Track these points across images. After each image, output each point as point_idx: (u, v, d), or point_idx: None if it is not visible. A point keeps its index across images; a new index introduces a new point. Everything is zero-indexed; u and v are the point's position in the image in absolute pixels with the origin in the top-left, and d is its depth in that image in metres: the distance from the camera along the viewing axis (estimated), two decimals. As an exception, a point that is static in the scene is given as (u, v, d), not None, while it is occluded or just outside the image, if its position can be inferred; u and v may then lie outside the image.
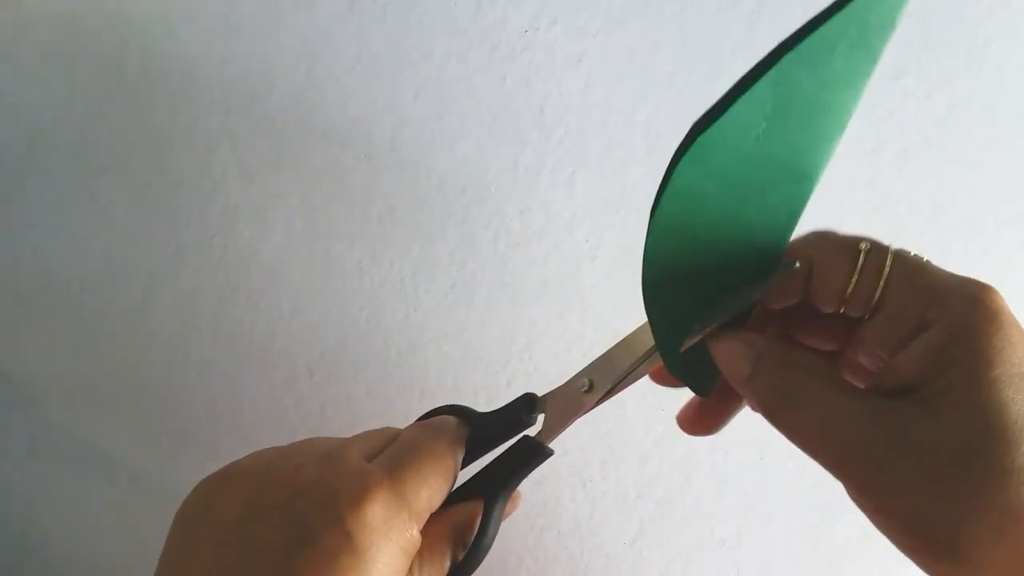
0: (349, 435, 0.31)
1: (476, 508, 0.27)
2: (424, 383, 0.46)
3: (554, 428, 0.29)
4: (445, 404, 0.33)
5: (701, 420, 0.29)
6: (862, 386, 0.24)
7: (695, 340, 0.25)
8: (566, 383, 0.29)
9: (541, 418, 0.30)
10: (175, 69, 0.44)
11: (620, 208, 0.43)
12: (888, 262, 0.23)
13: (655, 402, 0.45)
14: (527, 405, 0.30)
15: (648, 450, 0.45)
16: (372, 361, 0.46)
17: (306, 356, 0.47)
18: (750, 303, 0.25)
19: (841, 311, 0.24)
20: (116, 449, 0.50)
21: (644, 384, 0.44)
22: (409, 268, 0.45)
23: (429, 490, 0.26)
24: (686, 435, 0.43)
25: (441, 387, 0.46)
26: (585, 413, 0.29)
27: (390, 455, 0.26)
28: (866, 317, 0.24)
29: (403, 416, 0.47)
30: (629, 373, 0.28)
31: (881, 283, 0.23)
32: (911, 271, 0.23)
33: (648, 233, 0.23)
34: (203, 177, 0.45)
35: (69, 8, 0.43)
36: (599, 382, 0.29)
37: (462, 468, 0.29)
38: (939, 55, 0.40)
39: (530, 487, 0.47)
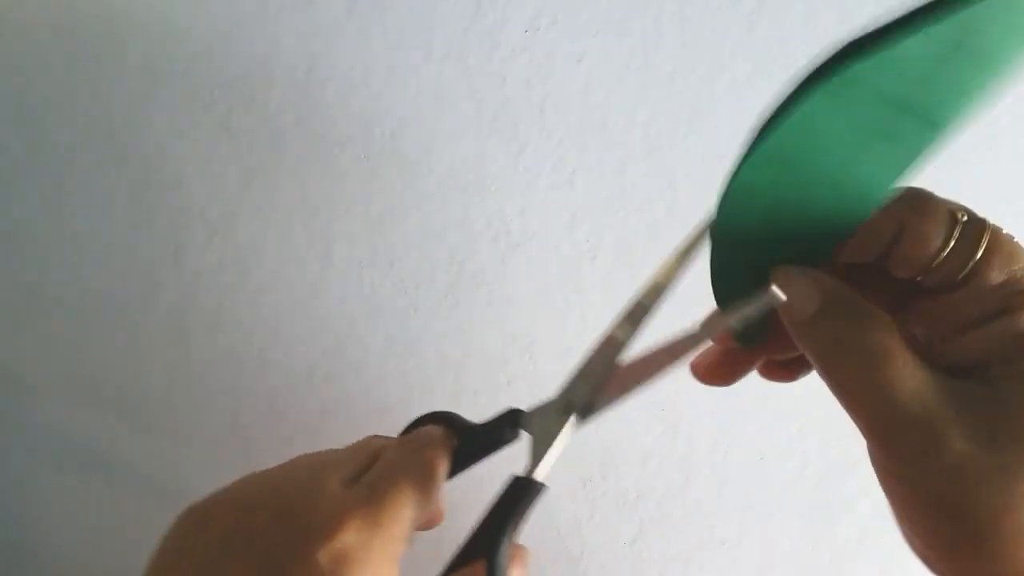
0: (349, 437, 0.31)
1: (478, 570, 0.25)
2: (424, 383, 0.46)
3: (539, 457, 0.27)
4: (430, 412, 0.31)
5: (719, 369, 0.28)
6: None
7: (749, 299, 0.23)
8: (547, 404, 0.28)
9: (528, 443, 0.28)
10: (175, 69, 0.44)
11: (620, 208, 0.43)
12: (985, 238, 0.22)
13: (655, 402, 0.45)
14: (510, 420, 0.29)
15: (648, 450, 0.45)
16: (372, 361, 0.46)
17: (306, 356, 0.47)
18: (824, 254, 0.23)
19: (917, 279, 0.23)
20: (115, 449, 0.50)
21: (644, 384, 0.44)
22: (409, 268, 0.45)
23: (408, 514, 0.25)
24: (686, 434, 0.43)
25: (441, 387, 0.46)
26: (567, 439, 0.27)
27: (368, 479, 0.26)
28: (941, 290, 0.22)
29: (403, 416, 0.46)
30: (598, 391, 0.27)
31: (975, 259, 0.22)
32: (1007, 252, 0.22)
33: (750, 157, 0.21)
34: (203, 177, 0.45)
35: (69, 8, 0.43)
36: (575, 403, 0.27)
37: (452, 477, 0.28)
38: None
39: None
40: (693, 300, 0.26)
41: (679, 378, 0.45)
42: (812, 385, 0.44)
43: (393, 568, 0.24)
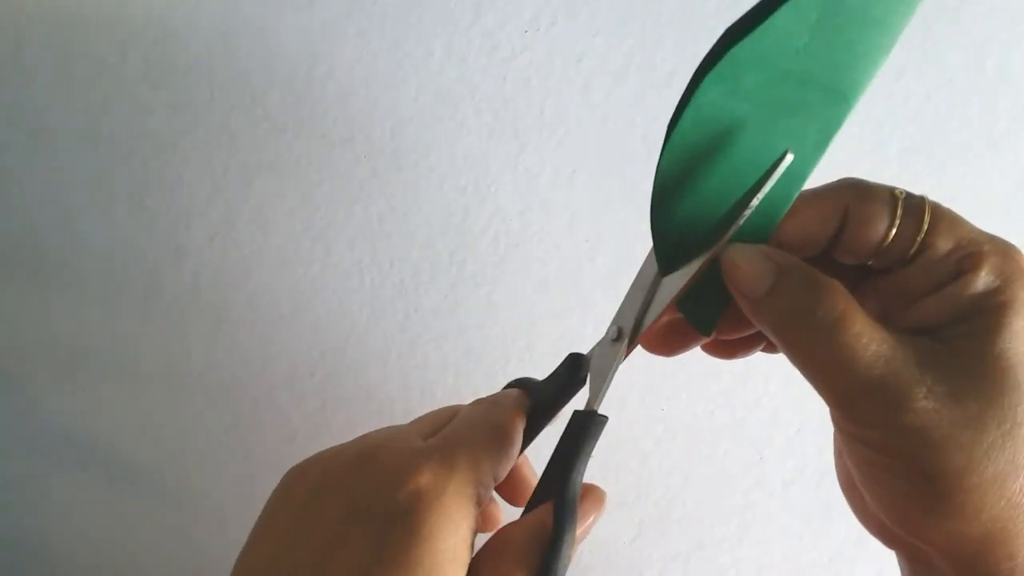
0: (350, 435, 0.31)
1: (544, 512, 0.25)
2: (424, 383, 0.46)
3: (597, 390, 0.27)
4: (512, 379, 0.32)
5: (666, 339, 0.28)
6: None
7: (704, 261, 0.23)
8: (602, 338, 0.28)
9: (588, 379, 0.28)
10: (175, 69, 0.44)
11: (620, 208, 0.43)
12: (927, 212, 0.22)
13: (655, 402, 0.45)
14: (574, 363, 0.29)
15: (648, 450, 0.45)
16: (372, 361, 0.46)
17: (306, 356, 0.47)
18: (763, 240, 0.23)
19: (868, 263, 0.23)
20: (116, 448, 0.50)
21: (644, 382, 0.45)
22: (409, 268, 0.45)
23: (483, 460, 0.25)
24: (686, 434, 0.43)
25: (441, 387, 0.46)
26: (620, 363, 0.27)
27: (444, 431, 0.27)
28: (890, 268, 0.23)
29: (403, 416, 0.46)
30: (646, 309, 0.26)
31: (921, 235, 0.22)
32: (949, 221, 0.22)
33: (662, 151, 0.21)
34: (203, 177, 0.45)
35: (69, 8, 0.43)
36: (625, 326, 0.27)
37: (532, 439, 0.29)
38: (939, 55, 0.40)
39: (530, 487, 0.47)
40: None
41: (679, 378, 0.45)
42: (811, 386, 0.44)
43: (468, 509, 0.24)
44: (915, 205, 0.22)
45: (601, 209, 0.43)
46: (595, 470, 0.46)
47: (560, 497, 0.25)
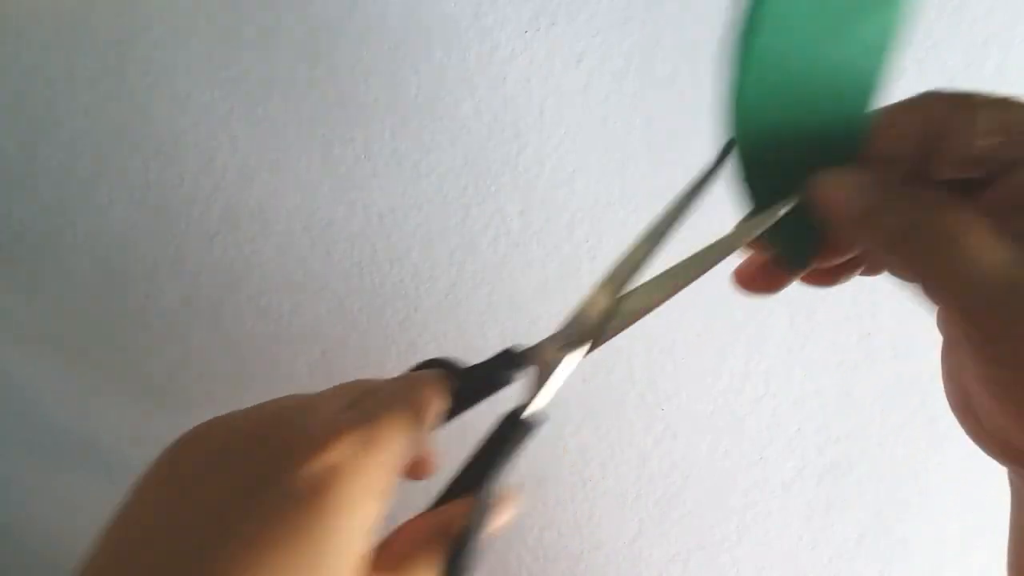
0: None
1: (461, 507, 0.24)
2: (424, 383, 0.46)
3: (535, 393, 0.26)
4: (427, 359, 0.31)
5: (762, 278, 0.26)
6: None
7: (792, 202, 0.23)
8: (553, 336, 0.27)
9: (530, 377, 0.27)
10: (176, 69, 0.44)
11: (620, 208, 0.43)
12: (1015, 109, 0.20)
13: (655, 401, 0.45)
14: (507, 361, 0.28)
15: (648, 450, 0.45)
16: (372, 361, 0.46)
17: (306, 356, 0.47)
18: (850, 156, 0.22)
19: (970, 174, 0.21)
20: (116, 449, 0.50)
21: (643, 381, 0.45)
22: (409, 268, 0.45)
23: (402, 440, 0.24)
24: (686, 434, 0.43)
25: (441, 387, 0.46)
26: (570, 368, 0.27)
27: (363, 405, 0.25)
28: (996, 176, 0.21)
29: (403, 416, 0.46)
30: (612, 312, 0.26)
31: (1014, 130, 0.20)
32: None
33: (741, 70, 0.21)
34: (203, 177, 0.45)
35: (69, 8, 0.43)
36: (585, 331, 0.26)
37: (451, 419, 0.28)
38: (939, 55, 0.40)
39: (530, 486, 0.47)
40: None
41: (679, 378, 0.45)
42: (811, 386, 0.44)
43: (380, 500, 0.22)
44: (1002, 105, 0.21)
45: (601, 209, 0.43)
46: (595, 469, 0.46)
47: (479, 499, 0.25)
